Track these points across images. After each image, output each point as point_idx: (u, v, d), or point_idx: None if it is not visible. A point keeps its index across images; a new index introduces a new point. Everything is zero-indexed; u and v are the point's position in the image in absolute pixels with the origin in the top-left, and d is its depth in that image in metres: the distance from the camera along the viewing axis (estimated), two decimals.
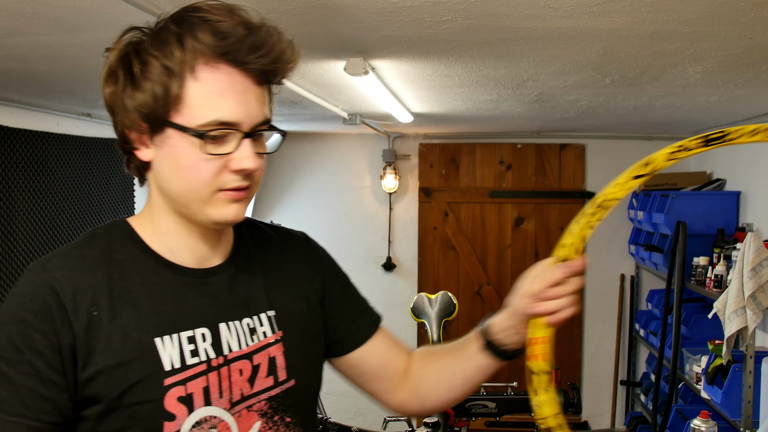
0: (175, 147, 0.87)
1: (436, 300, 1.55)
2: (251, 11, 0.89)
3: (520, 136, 4.52)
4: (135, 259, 0.93)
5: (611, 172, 4.06)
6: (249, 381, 0.96)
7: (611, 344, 4.58)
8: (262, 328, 0.99)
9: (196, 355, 0.91)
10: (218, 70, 0.85)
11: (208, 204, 0.89)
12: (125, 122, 0.89)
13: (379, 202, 4.74)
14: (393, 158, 4.60)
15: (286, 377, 1.00)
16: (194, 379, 0.90)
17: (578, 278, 0.93)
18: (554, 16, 1.44)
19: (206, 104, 0.85)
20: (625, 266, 4.51)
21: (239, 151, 0.87)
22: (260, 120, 0.89)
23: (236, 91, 0.86)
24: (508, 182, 4.60)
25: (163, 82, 0.84)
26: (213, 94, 0.85)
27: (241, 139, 0.87)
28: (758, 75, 2.08)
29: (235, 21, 0.85)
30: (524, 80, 2.26)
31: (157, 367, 0.88)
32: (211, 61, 0.85)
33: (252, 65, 0.86)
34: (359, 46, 1.77)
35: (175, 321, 0.91)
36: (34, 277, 0.88)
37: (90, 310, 0.86)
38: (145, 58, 0.86)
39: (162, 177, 0.91)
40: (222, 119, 0.85)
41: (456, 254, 4.66)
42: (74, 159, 3.29)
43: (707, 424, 1.98)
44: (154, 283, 0.92)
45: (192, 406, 0.89)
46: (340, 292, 1.15)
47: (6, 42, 1.69)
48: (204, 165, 0.86)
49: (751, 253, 2.48)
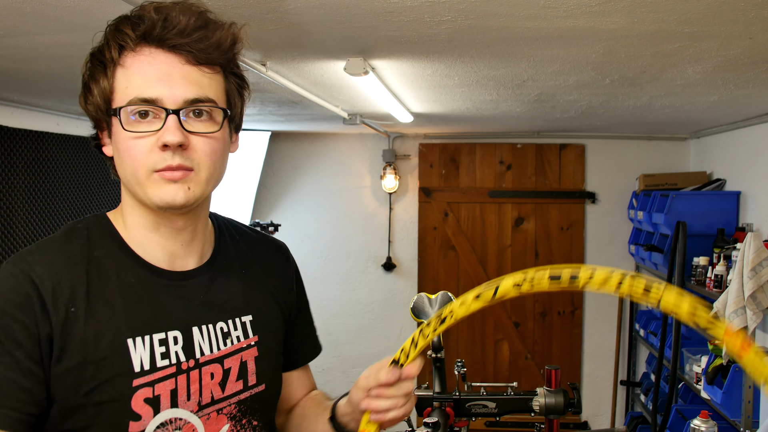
0: (115, 135, 0.91)
1: (436, 300, 1.55)
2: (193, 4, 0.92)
3: (520, 136, 4.52)
4: (113, 257, 0.95)
5: (611, 172, 4.08)
6: (220, 385, 0.98)
7: (611, 344, 4.58)
8: (236, 332, 1.01)
9: (167, 357, 0.92)
10: (141, 53, 0.88)
11: (146, 186, 0.90)
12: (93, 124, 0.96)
13: (379, 202, 4.74)
14: (393, 158, 4.60)
15: (255, 382, 1.03)
16: (162, 381, 0.91)
17: (407, 383, 0.96)
18: (554, 16, 1.44)
19: (129, 85, 0.88)
20: (625, 266, 4.51)
21: (164, 128, 0.88)
22: (191, 97, 0.89)
23: (158, 70, 0.88)
24: (508, 182, 4.60)
25: (99, 78, 0.90)
26: (135, 74, 0.88)
27: (165, 116, 0.88)
28: (758, 75, 2.08)
29: (151, 8, 0.89)
30: (524, 80, 2.26)
31: (127, 368, 0.89)
32: (135, 47, 0.88)
33: (172, 42, 0.88)
34: (359, 46, 1.77)
35: (148, 323, 0.93)
36: (14, 269, 0.89)
37: (68, 306, 0.88)
38: (90, 63, 0.92)
39: (117, 168, 0.95)
40: (141, 96, 0.87)
41: (456, 254, 4.66)
42: (74, 159, 3.28)
43: (707, 424, 1.97)
44: (130, 284, 0.94)
45: (158, 408, 0.91)
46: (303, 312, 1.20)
47: (6, 42, 1.69)
48: (134, 144, 0.89)
49: (751, 253, 2.48)
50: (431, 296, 1.56)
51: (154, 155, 0.88)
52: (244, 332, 1.02)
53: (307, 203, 4.77)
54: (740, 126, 3.41)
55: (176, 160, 0.88)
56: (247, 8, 1.39)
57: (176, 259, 0.98)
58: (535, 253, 4.58)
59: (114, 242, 0.96)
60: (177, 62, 0.89)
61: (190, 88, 0.89)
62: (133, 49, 0.88)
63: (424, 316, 1.52)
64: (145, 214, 0.96)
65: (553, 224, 4.57)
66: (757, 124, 3.22)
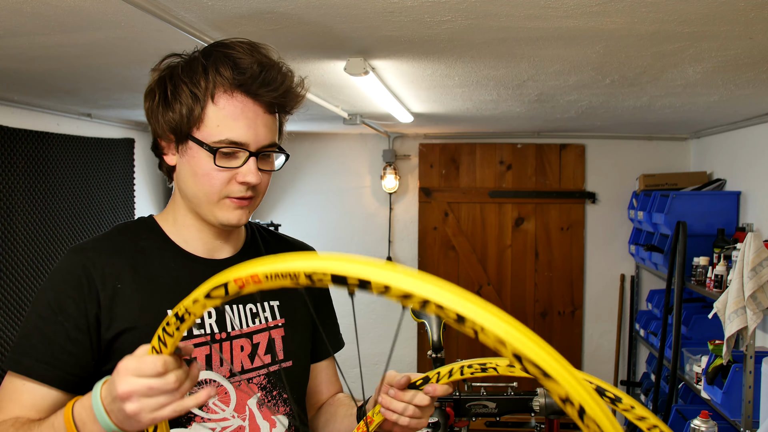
0: (193, 157, 1.04)
1: None
2: (271, 50, 1.07)
3: (520, 136, 4.52)
4: (157, 247, 1.11)
5: (611, 172, 4.08)
6: (249, 357, 1.11)
7: (611, 344, 4.58)
8: (264, 314, 1.16)
9: (202, 327, 1.08)
10: (234, 98, 1.02)
11: (216, 207, 1.06)
12: (158, 131, 1.07)
13: (379, 202, 4.74)
14: (393, 158, 4.60)
15: (283, 357, 1.16)
16: (198, 347, 1.06)
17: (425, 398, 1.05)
18: (554, 16, 1.44)
19: (221, 125, 1.02)
20: (625, 266, 4.51)
21: (245, 167, 1.03)
22: (267, 143, 1.05)
23: (247, 117, 1.03)
24: (508, 182, 4.60)
25: (188, 104, 1.02)
26: (227, 117, 1.02)
27: (248, 157, 1.03)
28: (758, 75, 2.08)
29: (252, 59, 1.03)
30: (524, 80, 2.26)
31: None
32: (229, 90, 1.02)
33: (263, 97, 1.03)
34: (359, 46, 1.77)
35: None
36: (71, 256, 1.07)
37: (115, 284, 1.05)
38: (176, 82, 1.03)
39: (182, 180, 1.08)
40: (232, 139, 1.02)
41: (456, 254, 4.66)
42: (74, 159, 3.28)
43: (707, 424, 1.98)
44: (171, 267, 1.10)
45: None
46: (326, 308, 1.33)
47: (6, 42, 1.69)
48: (215, 174, 1.03)
49: (751, 253, 2.48)
50: None
51: (232, 186, 1.04)
52: (272, 314, 1.16)
53: (307, 203, 4.77)
54: (740, 126, 3.41)
55: (249, 192, 1.06)
56: (247, 8, 1.39)
57: (213, 251, 1.14)
58: (535, 253, 4.58)
59: (158, 236, 1.13)
60: (260, 111, 1.04)
61: (268, 135, 1.05)
62: (229, 93, 1.02)
63: (424, 316, 1.52)
64: (196, 218, 1.11)
65: (553, 224, 4.57)
66: (757, 124, 3.22)
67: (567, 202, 4.55)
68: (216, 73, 1.01)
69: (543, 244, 4.58)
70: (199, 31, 1.53)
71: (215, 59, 1.02)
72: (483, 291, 4.64)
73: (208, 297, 0.73)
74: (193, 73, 1.03)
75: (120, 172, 3.77)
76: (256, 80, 1.02)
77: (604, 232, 4.53)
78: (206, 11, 1.40)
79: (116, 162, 3.72)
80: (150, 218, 1.17)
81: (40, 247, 2.99)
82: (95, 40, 1.66)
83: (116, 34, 1.60)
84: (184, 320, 0.78)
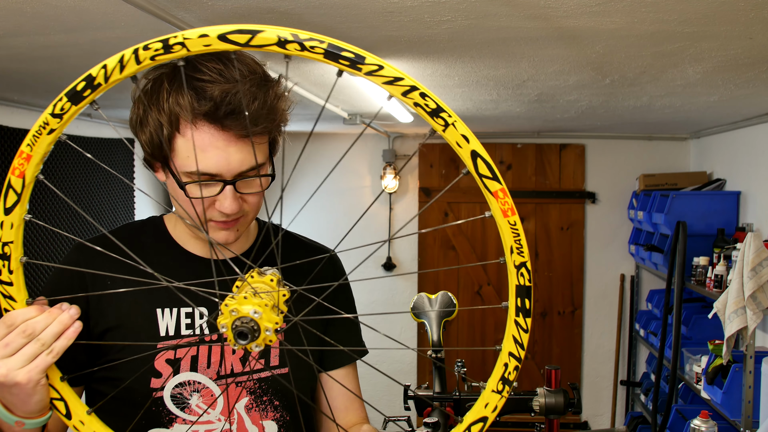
0: (172, 183, 0.99)
1: (436, 300, 1.55)
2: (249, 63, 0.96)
3: (520, 136, 4.52)
4: (158, 246, 1.12)
5: (611, 172, 4.07)
6: (241, 360, 1.09)
7: (611, 344, 4.58)
8: None
9: (191, 328, 1.07)
10: (200, 129, 0.93)
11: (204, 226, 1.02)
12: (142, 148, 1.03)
13: (379, 202, 4.74)
14: (393, 158, 4.60)
15: (278, 363, 1.12)
16: (185, 347, 1.05)
17: None
18: (554, 16, 1.44)
19: (190, 156, 0.94)
20: (625, 266, 4.51)
21: (221, 195, 0.97)
22: (245, 168, 0.96)
23: (216, 147, 0.94)
24: (508, 182, 4.60)
25: (156, 131, 0.96)
26: (196, 149, 0.94)
27: (223, 186, 0.96)
28: (758, 75, 2.08)
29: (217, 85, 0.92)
30: (524, 80, 2.26)
31: (154, 332, 1.05)
32: (194, 119, 0.93)
33: (230, 126, 0.93)
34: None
35: (179, 297, 1.06)
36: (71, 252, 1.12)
37: (105, 281, 1.05)
38: (146, 104, 0.96)
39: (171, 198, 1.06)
40: (204, 170, 0.95)
41: (456, 254, 4.66)
42: (74, 159, 3.28)
43: (707, 424, 1.97)
44: (168, 265, 1.09)
45: (178, 369, 1.04)
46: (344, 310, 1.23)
47: (6, 42, 1.69)
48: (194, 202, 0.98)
49: (751, 253, 2.48)
50: (431, 296, 1.56)
51: (212, 212, 1.00)
52: None
53: (308, 203, 4.77)
54: (740, 126, 3.41)
55: (231, 217, 1.00)
56: (247, 8, 1.39)
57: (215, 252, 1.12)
58: (535, 253, 4.58)
59: (159, 234, 1.13)
60: (233, 137, 0.94)
61: (245, 160, 0.96)
62: (194, 124, 0.93)
63: (424, 315, 1.52)
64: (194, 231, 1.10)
65: (553, 224, 4.58)
66: (757, 124, 3.22)
67: (567, 202, 4.55)
68: (175, 103, 0.93)
69: (543, 244, 4.58)
70: None
71: (178, 84, 0.93)
72: (483, 291, 4.64)
73: (146, 49, 0.70)
74: (157, 98, 0.95)
75: (120, 172, 3.77)
76: (219, 109, 0.92)
77: (604, 232, 4.53)
78: (206, 11, 1.40)
79: (116, 162, 3.72)
80: (159, 218, 1.17)
81: (39, 246, 2.99)
82: (95, 40, 1.66)
83: (116, 34, 1.60)
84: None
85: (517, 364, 0.76)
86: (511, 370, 0.76)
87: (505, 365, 0.76)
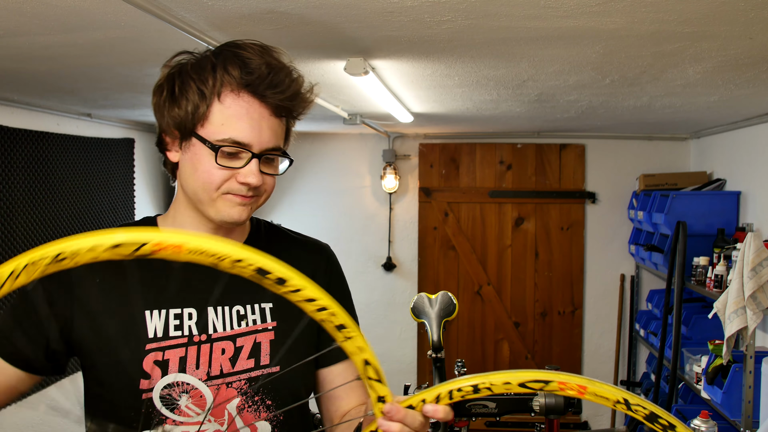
0: (196, 154, 1.04)
1: (436, 300, 1.55)
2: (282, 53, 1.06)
3: (520, 136, 4.52)
4: None
5: (611, 172, 4.08)
6: (230, 360, 1.08)
7: (611, 344, 4.59)
8: (252, 316, 1.12)
9: (180, 329, 1.06)
10: (240, 98, 1.02)
11: (217, 202, 1.04)
12: (163, 127, 1.07)
13: (379, 202, 4.74)
14: (393, 158, 4.60)
15: (269, 362, 1.10)
16: (173, 348, 1.05)
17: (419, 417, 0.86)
18: (554, 16, 1.44)
19: (225, 124, 1.01)
20: (625, 266, 4.51)
21: (246, 168, 1.03)
22: (271, 145, 1.04)
23: (252, 118, 1.02)
24: (508, 182, 4.61)
25: (195, 101, 1.01)
26: (232, 116, 1.01)
27: (250, 158, 1.02)
28: (758, 75, 2.08)
29: (262, 60, 1.02)
30: (524, 80, 2.26)
31: (142, 334, 1.05)
32: (236, 89, 1.01)
33: (269, 99, 1.02)
34: (359, 46, 1.77)
35: (167, 299, 1.07)
36: None
37: (95, 281, 1.05)
38: (185, 78, 1.03)
39: (183, 176, 1.08)
40: (236, 138, 1.01)
41: (456, 254, 4.66)
42: (74, 159, 3.28)
43: (707, 424, 1.98)
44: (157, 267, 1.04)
45: (166, 370, 1.04)
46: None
47: (6, 42, 1.69)
48: (216, 172, 1.02)
49: (751, 253, 2.48)
50: (431, 296, 1.56)
51: (232, 183, 1.03)
52: (261, 317, 1.12)
53: (307, 203, 4.77)
54: (740, 126, 3.41)
55: (250, 192, 1.05)
56: (248, 8, 1.39)
57: None
58: (535, 253, 4.58)
59: None
60: (266, 113, 1.03)
61: (272, 138, 1.04)
62: (236, 93, 1.01)
63: (424, 315, 1.52)
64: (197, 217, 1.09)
65: (553, 224, 4.57)
66: (757, 124, 3.22)
67: (567, 202, 4.55)
68: (224, 71, 1.01)
69: (543, 244, 4.58)
70: (199, 31, 1.53)
71: (224, 58, 1.02)
72: (483, 291, 4.64)
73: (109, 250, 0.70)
74: (201, 70, 1.02)
75: (120, 172, 3.77)
76: (263, 81, 1.01)
77: (604, 232, 4.53)
78: (206, 11, 1.40)
79: (116, 162, 3.72)
80: (152, 217, 1.17)
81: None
82: (95, 40, 1.66)
83: (116, 34, 1.60)
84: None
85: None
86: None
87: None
